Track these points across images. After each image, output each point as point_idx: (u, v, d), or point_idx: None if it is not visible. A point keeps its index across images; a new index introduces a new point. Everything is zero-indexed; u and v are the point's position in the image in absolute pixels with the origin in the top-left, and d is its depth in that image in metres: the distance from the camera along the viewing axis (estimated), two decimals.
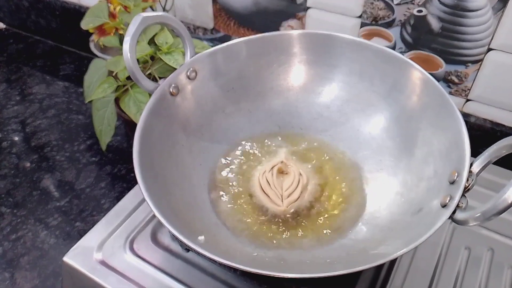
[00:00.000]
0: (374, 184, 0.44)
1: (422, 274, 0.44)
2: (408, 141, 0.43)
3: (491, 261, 0.45)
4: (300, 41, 0.49)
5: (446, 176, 0.36)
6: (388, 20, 0.56)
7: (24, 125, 0.75)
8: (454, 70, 0.55)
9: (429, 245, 0.46)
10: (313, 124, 0.50)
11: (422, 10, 0.53)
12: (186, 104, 0.46)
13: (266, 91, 0.50)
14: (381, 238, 0.38)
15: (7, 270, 0.54)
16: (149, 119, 0.41)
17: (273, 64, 0.50)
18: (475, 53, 0.53)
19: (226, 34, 0.72)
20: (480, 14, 0.50)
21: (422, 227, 0.33)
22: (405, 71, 0.44)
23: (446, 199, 0.34)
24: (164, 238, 0.46)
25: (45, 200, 0.62)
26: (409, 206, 0.39)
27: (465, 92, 0.57)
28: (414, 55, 0.57)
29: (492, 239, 0.47)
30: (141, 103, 0.53)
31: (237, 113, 0.50)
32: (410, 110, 0.44)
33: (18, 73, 0.88)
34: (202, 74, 0.47)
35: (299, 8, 0.62)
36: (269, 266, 0.37)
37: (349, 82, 0.49)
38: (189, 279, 0.42)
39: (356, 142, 0.48)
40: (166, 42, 0.54)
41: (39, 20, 0.95)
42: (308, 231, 0.41)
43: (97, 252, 0.45)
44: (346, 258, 0.37)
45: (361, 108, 0.48)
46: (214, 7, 0.69)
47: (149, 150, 0.40)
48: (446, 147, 0.39)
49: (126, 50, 0.41)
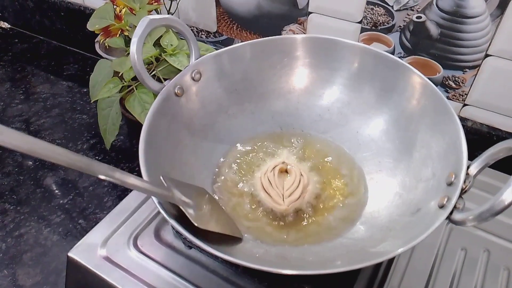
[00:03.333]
0: (373, 185, 0.45)
1: (419, 274, 0.44)
2: (407, 144, 0.44)
3: (487, 262, 0.46)
4: (303, 45, 0.50)
5: (444, 178, 0.37)
6: (388, 25, 0.57)
7: (28, 124, 0.76)
8: (452, 75, 0.56)
9: (426, 245, 0.47)
10: (314, 126, 0.51)
11: (421, 16, 0.54)
12: (191, 104, 0.47)
13: (268, 93, 0.51)
14: (380, 237, 0.39)
15: (10, 266, 0.54)
16: (155, 118, 0.42)
17: (276, 66, 0.51)
18: (473, 58, 0.53)
19: (229, 37, 0.72)
20: (478, 21, 0.51)
21: (420, 227, 0.34)
22: (404, 76, 0.45)
23: (443, 200, 0.35)
24: (167, 236, 0.46)
25: (48, 198, 0.63)
26: (407, 207, 0.40)
27: (463, 97, 0.57)
28: (413, 60, 0.58)
29: (489, 240, 0.47)
30: (145, 103, 0.54)
31: (240, 114, 0.51)
32: (409, 113, 0.45)
33: (22, 73, 0.89)
34: (207, 75, 0.48)
35: (301, 13, 0.62)
36: (270, 263, 0.37)
37: (350, 85, 0.49)
38: (191, 276, 0.42)
39: (356, 144, 0.48)
40: (171, 44, 0.55)
41: (44, 21, 0.96)
42: (308, 230, 0.42)
43: (101, 248, 0.45)
44: (345, 256, 0.38)
45: (361, 111, 0.49)
46: (218, 10, 0.70)
47: (154, 149, 0.40)
48: (444, 150, 0.39)
49: (133, 51, 0.42)
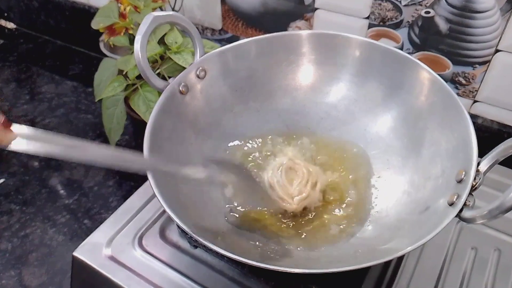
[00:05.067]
0: (381, 183, 0.44)
1: (428, 274, 0.44)
2: (416, 141, 0.43)
3: (498, 261, 0.45)
4: (309, 41, 0.49)
5: (453, 175, 0.36)
6: (396, 21, 0.56)
7: (33, 124, 0.76)
8: (462, 71, 0.55)
9: (435, 245, 0.46)
10: (321, 124, 0.50)
11: (430, 11, 0.53)
12: (195, 102, 0.47)
13: (274, 90, 0.51)
14: (388, 236, 0.38)
15: (16, 266, 0.54)
16: (159, 117, 0.42)
17: (281, 63, 0.50)
18: (482, 54, 0.53)
19: (234, 35, 0.72)
20: (488, 16, 0.50)
21: (429, 226, 0.34)
22: (413, 72, 0.44)
23: (453, 198, 0.34)
24: (173, 235, 0.46)
25: (53, 198, 0.63)
26: (416, 205, 0.39)
27: (473, 93, 0.56)
28: (422, 56, 0.57)
29: (499, 239, 0.47)
30: (150, 101, 0.54)
31: (246, 112, 0.50)
32: (417, 110, 0.44)
33: (27, 73, 0.89)
34: (211, 73, 0.48)
35: (307, 9, 0.62)
36: (277, 262, 0.37)
37: (357, 82, 0.49)
38: (196, 275, 0.42)
39: (363, 142, 0.48)
40: (175, 41, 0.55)
41: (49, 21, 0.96)
42: (317, 229, 0.41)
43: (106, 248, 0.45)
44: (354, 255, 0.37)
45: (368, 108, 0.48)
46: (223, 8, 0.69)
47: (159, 147, 0.40)
48: (454, 147, 0.39)
49: (137, 49, 0.41)
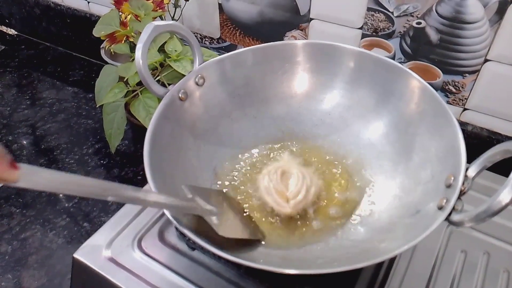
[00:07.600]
0: (373, 187, 0.45)
1: (418, 277, 0.44)
2: (406, 147, 0.45)
3: (487, 264, 0.46)
4: (304, 50, 0.50)
5: (443, 180, 0.37)
6: (388, 31, 0.58)
7: (34, 129, 0.77)
8: (452, 80, 0.57)
9: (426, 248, 0.47)
10: (315, 130, 0.51)
11: (421, 22, 0.55)
12: (194, 109, 0.48)
13: (270, 97, 0.52)
14: (379, 238, 0.39)
15: (15, 269, 0.55)
16: (159, 122, 0.43)
17: (277, 72, 0.51)
18: (472, 63, 0.54)
19: (232, 43, 0.73)
20: (477, 26, 0.51)
21: (419, 228, 0.34)
22: (404, 80, 0.45)
23: (442, 202, 0.35)
24: (171, 237, 0.47)
25: (53, 201, 0.63)
26: (407, 209, 0.40)
27: (462, 102, 0.58)
28: (413, 65, 0.58)
29: (488, 243, 0.48)
30: (150, 107, 0.55)
31: (243, 118, 0.51)
32: (408, 117, 0.45)
33: (28, 78, 0.90)
34: (210, 80, 0.49)
35: (303, 19, 0.63)
36: (272, 263, 0.38)
37: (350, 90, 0.50)
38: (194, 277, 0.43)
39: (356, 147, 0.49)
40: (175, 50, 0.56)
41: (50, 27, 0.97)
42: (310, 232, 0.42)
43: (106, 250, 0.46)
44: (346, 256, 0.38)
45: (361, 115, 0.49)
46: (221, 17, 0.71)
47: (158, 152, 0.41)
48: (443, 153, 0.40)
49: (138, 57, 0.42)
